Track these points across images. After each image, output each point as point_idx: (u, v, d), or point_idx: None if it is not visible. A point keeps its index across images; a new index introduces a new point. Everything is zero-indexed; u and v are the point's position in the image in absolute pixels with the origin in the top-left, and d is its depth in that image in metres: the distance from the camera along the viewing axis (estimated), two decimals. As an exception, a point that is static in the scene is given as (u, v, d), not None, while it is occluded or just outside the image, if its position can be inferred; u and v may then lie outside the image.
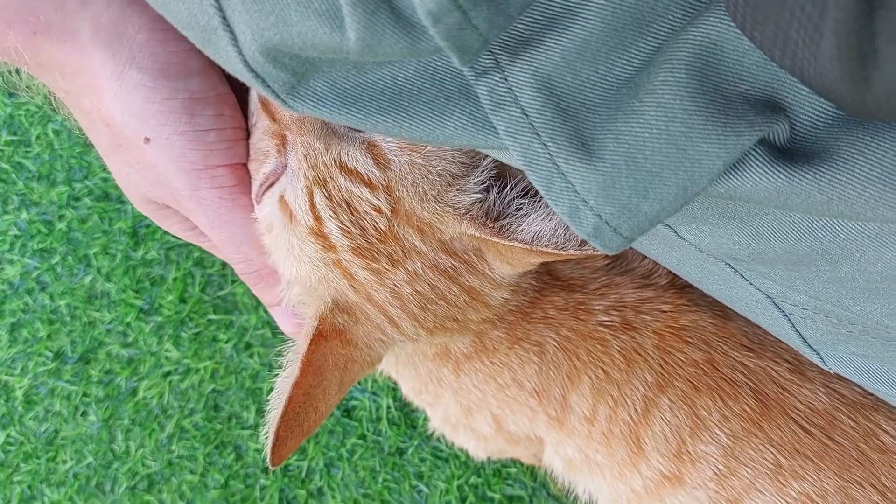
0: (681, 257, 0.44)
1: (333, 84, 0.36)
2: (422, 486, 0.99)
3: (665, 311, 0.56)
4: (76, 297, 1.04)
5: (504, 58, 0.32)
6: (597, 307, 0.57)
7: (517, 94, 0.32)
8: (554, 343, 0.57)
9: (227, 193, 0.48)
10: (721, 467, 0.54)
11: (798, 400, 0.54)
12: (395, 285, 0.48)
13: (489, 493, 0.98)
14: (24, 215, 1.06)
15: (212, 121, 0.46)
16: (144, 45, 0.44)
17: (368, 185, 0.46)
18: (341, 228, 0.46)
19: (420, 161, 0.46)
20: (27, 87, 0.46)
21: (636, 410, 0.56)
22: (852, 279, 0.38)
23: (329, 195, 0.46)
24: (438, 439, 0.98)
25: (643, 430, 0.56)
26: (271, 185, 0.48)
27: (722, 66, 0.31)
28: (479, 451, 0.73)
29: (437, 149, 0.46)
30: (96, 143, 0.47)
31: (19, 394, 1.04)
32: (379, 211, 0.46)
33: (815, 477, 0.53)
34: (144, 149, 0.45)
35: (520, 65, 0.32)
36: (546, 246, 0.45)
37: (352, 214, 0.46)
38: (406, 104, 0.35)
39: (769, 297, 0.43)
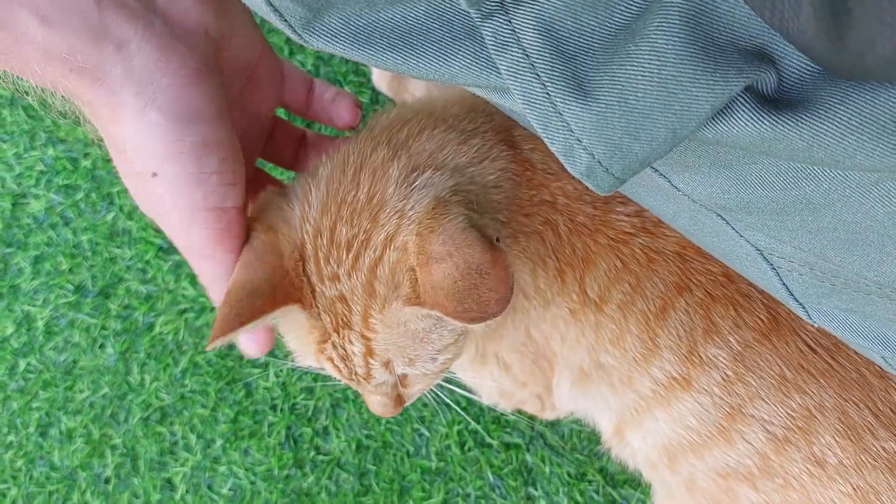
0: (676, 209, 0.46)
1: (347, 21, 0.37)
2: (423, 430, 1.01)
3: None
4: (98, 233, 1.07)
5: (509, 1, 0.34)
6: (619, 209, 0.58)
7: (520, 35, 0.34)
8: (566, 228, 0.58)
9: (215, 234, 0.52)
10: (729, 373, 0.56)
11: None
12: None
13: (488, 440, 1.00)
14: (50, 151, 1.07)
15: (216, 164, 0.50)
16: (167, 89, 0.47)
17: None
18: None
19: None
20: (60, 111, 0.50)
21: (654, 305, 0.57)
22: (834, 229, 0.39)
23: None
24: (440, 386, 1.00)
25: (659, 325, 0.57)
26: None
27: (714, 16, 0.32)
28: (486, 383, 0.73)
29: None
30: (115, 162, 0.51)
31: (40, 324, 1.06)
32: None
33: (815, 392, 0.54)
34: (151, 181, 0.49)
35: (523, 8, 0.34)
36: None
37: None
38: (415, 42, 0.37)
39: (758, 250, 0.45)
